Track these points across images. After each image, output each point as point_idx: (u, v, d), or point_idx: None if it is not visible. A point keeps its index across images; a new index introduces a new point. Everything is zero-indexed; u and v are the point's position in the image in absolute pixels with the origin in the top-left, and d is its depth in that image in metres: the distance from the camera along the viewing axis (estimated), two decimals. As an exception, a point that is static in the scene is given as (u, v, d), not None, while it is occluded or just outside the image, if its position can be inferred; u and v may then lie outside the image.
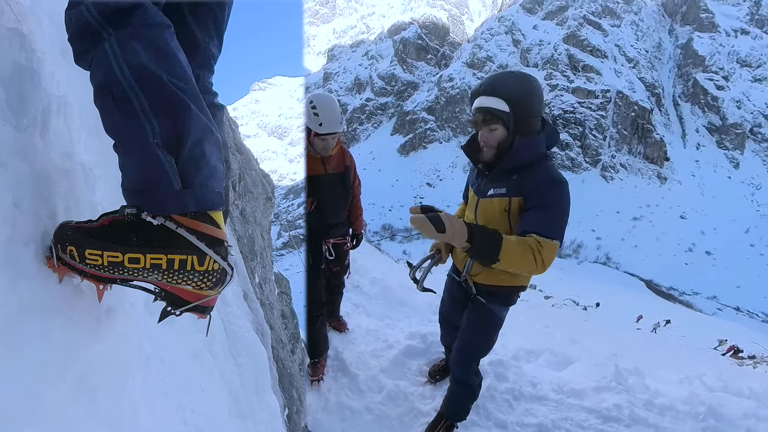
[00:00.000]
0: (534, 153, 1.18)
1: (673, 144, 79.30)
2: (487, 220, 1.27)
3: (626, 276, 52.95)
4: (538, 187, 1.16)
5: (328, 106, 1.56)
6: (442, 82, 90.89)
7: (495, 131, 1.16)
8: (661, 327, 16.03)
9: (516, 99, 1.13)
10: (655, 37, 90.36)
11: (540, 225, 1.11)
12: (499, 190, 1.22)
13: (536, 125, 1.18)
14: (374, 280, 3.70)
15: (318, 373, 1.89)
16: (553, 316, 9.46)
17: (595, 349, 4.07)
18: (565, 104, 77.11)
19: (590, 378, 2.14)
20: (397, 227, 73.01)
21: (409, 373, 2.01)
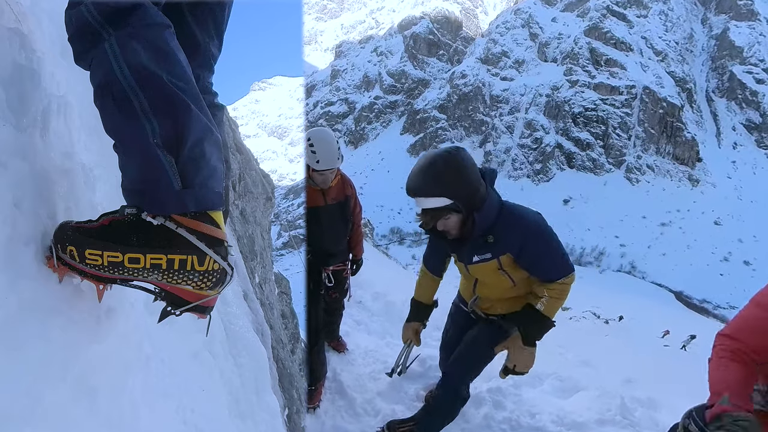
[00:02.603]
0: (492, 212, 1.28)
1: (707, 143, 76.66)
2: (484, 277, 1.43)
3: (653, 287, 51.28)
4: (520, 245, 1.28)
5: (325, 143, 1.68)
6: (454, 78, 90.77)
7: (449, 220, 1.25)
8: (688, 344, 15.40)
9: (453, 190, 1.19)
10: (687, 27, 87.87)
11: (555, 272, 1.33)
12: (483, 255, 1.34)
13: (482, 193, 1.24)
14: (377, 296, 3.72)
15: (314, 401, 1.93)
16: (570, 332, 9.23)
17: (607, 374, 3.95)
18: (587, 101, 75.70)
19: (594, 410, 2.09)
20: (406, 231, 72.93)
21: (405, 398, 2.04)
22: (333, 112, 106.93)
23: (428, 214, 1.24)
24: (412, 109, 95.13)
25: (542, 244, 1.29)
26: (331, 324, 2.27)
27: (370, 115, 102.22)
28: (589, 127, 75.00)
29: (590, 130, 74.93)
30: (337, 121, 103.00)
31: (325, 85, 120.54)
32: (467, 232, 1.26)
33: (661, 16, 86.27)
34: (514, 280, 1.35)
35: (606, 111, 75.45)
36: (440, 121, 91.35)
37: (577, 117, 75.82)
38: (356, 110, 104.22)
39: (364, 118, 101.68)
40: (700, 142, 74.85)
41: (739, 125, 77.74)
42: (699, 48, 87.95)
